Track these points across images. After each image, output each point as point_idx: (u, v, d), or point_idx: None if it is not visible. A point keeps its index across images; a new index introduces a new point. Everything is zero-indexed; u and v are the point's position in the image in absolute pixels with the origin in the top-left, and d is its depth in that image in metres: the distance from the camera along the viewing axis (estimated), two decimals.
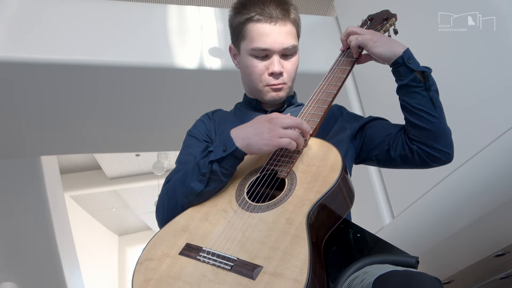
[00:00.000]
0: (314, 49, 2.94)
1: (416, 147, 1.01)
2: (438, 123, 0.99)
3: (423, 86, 0.98)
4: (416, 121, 0.99)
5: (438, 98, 1.01)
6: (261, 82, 1.08)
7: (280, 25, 1.03)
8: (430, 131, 0.99)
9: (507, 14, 1.80)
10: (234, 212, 0.86)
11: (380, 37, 1.01)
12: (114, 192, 7.10)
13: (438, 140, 1.00)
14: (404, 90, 1.00)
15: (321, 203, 0.81)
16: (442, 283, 0.70)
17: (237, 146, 0.88)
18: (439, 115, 0.99)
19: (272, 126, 0.87)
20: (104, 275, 8.02)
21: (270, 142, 0.86)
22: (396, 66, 1.00)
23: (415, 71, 0.98)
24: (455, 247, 2.32)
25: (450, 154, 1.02)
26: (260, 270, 0.72)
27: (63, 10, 2.53)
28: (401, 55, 0.98)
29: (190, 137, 1.15)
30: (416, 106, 0.98)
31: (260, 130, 0.88)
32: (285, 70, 1.07)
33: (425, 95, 0.98)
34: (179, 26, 2.75)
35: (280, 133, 0.86)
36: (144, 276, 0.78)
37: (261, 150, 0.88)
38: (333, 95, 1.01)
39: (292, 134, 0.87)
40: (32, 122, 2.85)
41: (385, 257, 0.84)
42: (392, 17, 1.18)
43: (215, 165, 0.88)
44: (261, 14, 1.02)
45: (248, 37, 1.05)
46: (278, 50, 1.04)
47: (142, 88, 2.75)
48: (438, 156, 1.01)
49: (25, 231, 3.80)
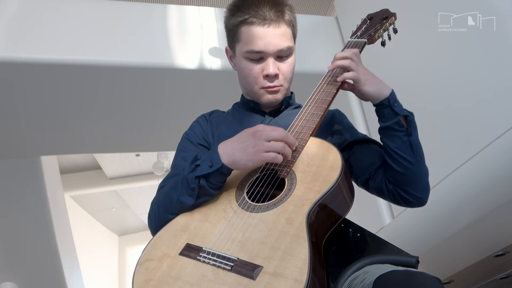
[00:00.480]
0: (314, 49, 2.94)
1: (392, 188, 1.03)
2: (414, 169, 1.00)
3: (405, 131, 0.99)
4: (393, 164, 1.00)
5: (418, 143, 1.01)
6: (257, 85, 1.08)
7: (274, 27, 1.02)
8: (405, 175, 1.00)
9: (507, 14, 1.80)
10: (234, 212, 0.86)
11: (370, 75, 1.01)
12: (114, 192, 7.10)
13: (412, 185, 1.01)
14: (386, 132, 1.01)
15: (321, 203, 0.81)
16: (442, 283, 0.70)
17: (223, 162, 0.87)
18: (416, 160, 1.00)
19: (256, 141, 0.86)
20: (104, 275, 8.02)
21: (254, 157, 0.86)
22: (381, 107, 1.00)
23: (399, 115, 0.98)
24: (455, 247, 2.32)
25: (422, 199, 1.03)
26: (260, 270, 0.72)
27: (63, 10, 2.53)
28: (387, 97, 0.98)
29: (185, 140, 1.15)
30: (395, 150, 0.99)
31: (244, 145, 0.87)
32: (280, 72, 1.06)
33: (406, 140, 0.99)
34: (179, 26, 2.75)
35: (265, 147, 0.85)
36: (144, 276, 0.78)
37: (247, 166, 0.87)
38: (332, 94, 1.01)
39: (277, 147, 0.86)
40: (32, 122, 2.85)
41: (386, 257, 0.84)
42: (392, 16, 1.17)
43: (202, 180, 0.88)
44: (255, 16, 1.01)
45: (242, 40, 1.04)
46: (273, 52, 1.03)
47: (142, 88, 2.75)
48: (410, 200, 1.02)
49: (25, 231, 3.79)
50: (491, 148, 1.84)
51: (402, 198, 1.03)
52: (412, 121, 1.00)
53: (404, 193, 1.02)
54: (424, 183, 1.03)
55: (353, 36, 1.16)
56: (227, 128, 1.14)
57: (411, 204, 1.04)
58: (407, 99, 2.36)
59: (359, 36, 1.14)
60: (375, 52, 2.51)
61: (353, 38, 1.14)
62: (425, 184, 1.03)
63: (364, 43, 1.10)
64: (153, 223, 0.95)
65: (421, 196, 1.02)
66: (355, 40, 1.12)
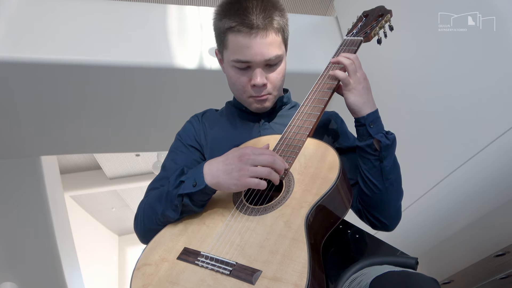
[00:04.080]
0: (314, 49, 2.94)
1: (361, 208, 1.02)
2: (381, 195, 0.97)
3: (377, 156, 0.96)
4: (363, 186, 0.99)
5: (391, 169, 0.97)
6: (245, 93, 1.05)
7: (261, 37, 0.96)
8: (372, 199, 0.98)
9: (507, 14, 1.79)
10: (232, 215, 0.85)
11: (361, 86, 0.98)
12: (114, 192, 7.09)
13: (378, 210, 0.99)
14: (359, 152, 0.99)
15: (319, 205, 0.81)
16: (439, 284, 0.69)
17: (206, 183, 0.86)
18: (384, 188, 0.97)
19: (242, 165, 0.84)
20: (104, 275, 8.02)
21: (238, 182, 0.83)
22: (357, 124, 0.99)
23: (373, 138, 0.96)
24: (455, 247, 2.32)
25: (388, 226, 1.01)
26: (259, 275, 0.71)
27: (63, 10, 2.52)
28: (364, 116, 0.96)
29: (177, 141, 1.14)
30: (365, 173, 0.98)
31: (230, 168, 0.85)
32: (269, 81, 1.03)
33: (377, 165, 0.96)
34: (179, 26, 2.75)
35: (249, 173, 0.83)
36: (142, 281, 0.77)
37: (230, 189, 0.85)
38: (329, 94, 1.00)
39: (262, 173, 0.83)
40: (32, 122, 2.85)
41: (385, 258, 0.83)
42: (388, 13, 1.15)
43: (185, 198, 0.86)
44: (242, 24, 0.95)
45: (229, 48, 1.00)
46: (260, 62, 0.99)
47: (142, 88, 2.75)
48: (375, 223, 1.01)
49: (25, 231, 3.79)
50: (491, 148, 1.84)
51: (367, 219, 1.02)
52: (386, 146, 0.95)
53: (370, 216, 1.01)
54: (392, 210, 1.00)
55: (349, 34, 1.14)
56: (221, 130, 1.13)
57: (376, 227, 1.03)
58: (407, 99, 2.37)
59: (355, 34, 1.13)
60: (375, 52, 2.51)
61: (349, 36, 1.12)
62: (393, 211, 1.00)
63: (360, 41, 1.09)
64: (139, 229, 0.96)
65: (386, 222, 1.00)
66: (351, 38, 1.11)
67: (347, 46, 1.08)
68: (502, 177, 1.85)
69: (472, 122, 1.95)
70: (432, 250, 2.36)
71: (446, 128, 2.11)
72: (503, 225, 2.08)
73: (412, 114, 2.33)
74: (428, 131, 2.22)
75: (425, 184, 2.18)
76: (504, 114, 1.79)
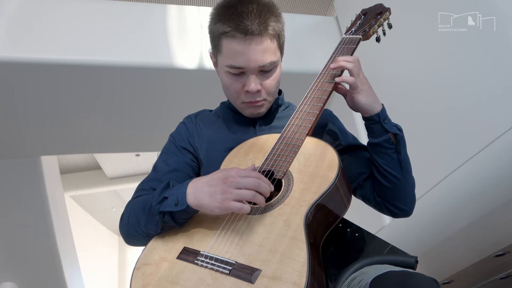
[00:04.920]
0: (314, 49, 2.94)
1: (380, 200, 1.05)
2: (401, 184, 1.01)
3: (394, 149, 0.99)
4: (382, 179, 1.01)
5: (406, 159, 1.02)
6: (238, 99, 1.04)
7: (256, 43, 0.95)
8: (393, 190, 1.01)
9: (507, 14, 1.79)
10: (232, 215, 0.85)
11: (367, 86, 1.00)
12: (114, 192, 7.09)
13: (399, 199, 1.03)
14: (375, 148, 1.01)
15: (318, 204, 0.81)
16: (439, 284, 0.70)
17: (188, 204, 0.83)
18: (403, 176, 1.01)
19: (225, 188, 0.81)
20: (104, 275, 8.01)
21: (221, 205, 0.81)
22: (371, 123, 0.99)
23: (389, 133, 0.98)
24: (455, 247, 2.32)
25: (408, 211, 1.05)
26: (259, 274, 0.71)
27: (63, 10, 2.52)
28: (378, 113, 0.98)
29: (170, 142, 1.14)
30: (384, 167, 1.00)
31: (213, 190, 0.82)
32: (263, 87, 1.01)
33: (395, 157, 1.00)
34: (179, 26, 2.75)
35: (233, 196, 0.80)
36: (142, 281, 0.77)
37: (213, 211, 0.83)
38: (328, 93, 1.00)
39: (246, 195, 0.80)
40: (32, 122, 2.85)
41: (384, 257, 0.83)
42: (386, 11, 1.15)
43: (166, 215, 0.85)
44: (236, 29, 0.94)
45: (223, 53, 0.99)
46: (254, 69, 0.98)
47: (142, 88, 2.75)
48: (397, 212, 1.05)
49: (25, 231, 3.79)
50: (491, 148, 1.84)
51: (388, 210, 1.05)
52: (401, 138, 1.00)
53: (391, 206, 1.04)
54: (410, 196, 1.04)
55: (347, 32, 1.14)
56: (216, 131, 1.13)
57: (396, 216, 1.06)
58: (407, 99, 2.37)
59: (353, 32, 1.13)
60: (375, 52, 2.51)
61: (348, 34, 1.12)
62: (411, 197, 1.05)
63: (359, 39, 1.09)
64: (123, 231, 0.96)
65: (407, 208, 1.04)
66: (350, 36, 1.11)
67: (345, 45, 1.08)
68: (502, 177, 1.85)
69: (472, 122, 1.95)
70: (432, 250, 2.36)
71: (446, 128, 2.10)
72: (503, 225, 2.08)
73: (412, 114, 2.33)
74: (428, 131, 2.22)
75: (425, 184, 2.18)
76: (504, 114, 1.79)
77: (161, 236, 0.87)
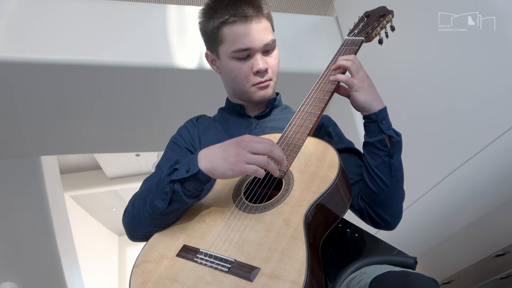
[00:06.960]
0: (314, 49, 2.94)
1: (363, 205, 1.02)
2: (388, 191, 0.98)
3: (387, 152, 0.97)
4: (369, 182, 0.99)
5: (398, 166, 0.99)
6: (248, 83, 1.06)
7: (256, 23, 1.01)
8: (379, 196, 0.99)
9: (507, 14, 1.79)
10: (231, 213, 0.85)
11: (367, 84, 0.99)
12: (114, 192, 7.09)
13: (382, 207, 1.00)
14: (368, 148, 1.00)
15: (318, 203, 0.81)
16: (439, 284, 0.69)
17: (199, 168, 0.82)
18: (392, 184, 0.98)
19: (239, 150, 0.80)
20: (104, 275, 8.02)
21: (234, 167, 0.80)
22: (368, 121, 0.99)
23: (384, 134, 0.97)
24: (455, 247, 2.32)
25: (390, 224, 1.02)
26: (257, 272, 0.71)
27: (63, 10, 2.53)
28: (376, 112, 0.97)
29: (172, 144, 1.14)
30: (373, 169, 0.98)
31: (226, 153, 0.81)
32: (269, 66, 1.06)
33: (386, 161, 0.97)
34: (179, 26, 2.75)
35: (247, 159, 0.79)
36: (141, 278, 0.78)
37: (226, 174, 0.81)
38: (329, 94, 1.00)
39: (259, 160, 0.79)
40: (32, 122, 2.85)
41: (384, 257, 0.83)
42: (389, 13, 1.16)
43: (177, 185, 0.83)
44: (235, 15, 1.00)
45: (226, 41, 1.03)
46: (259, 48, 1.03)
47: (142, 88, 2.75)
48: (378, 221, 1.01)
49: (25, 231, 3.79)
50: (491, 148, 1.84)
51: (370, 218, 1.02)
52: (396, 143, 0.98)
53: (373, 214, 1.01)
54: (396, 208, 1.01)
55: (350, 34, 1.15)
56: (212, 135, 1.13)
57: (378, 226, 1.03)
58: (407, 99, 2.37)
59: (356, 34, 1.14)
60: (375, 52, 2.51)
61: (351, 36, 1.13)
62: (397, 209, 1.01)
63: (361, 41, 1.09)
64: (125, 221, 0.94)
65: (389, 220, 1.01)
66: (352, 38, 1.12)
67: (348, 46, 1.09)
68: (502, 177, 1.85)
69: (472, 122, 1.95)
70: (432, 250, 2.36)
71: (446, 128, 2.11)
72: (503, 225, 2.09)
73: (412, 114, 2.33)
74: (428, 131, 2.22)
75: (425, 184, 2.18)
76: (504, 114, 1.79)
77: (161, 234, 0.87)
